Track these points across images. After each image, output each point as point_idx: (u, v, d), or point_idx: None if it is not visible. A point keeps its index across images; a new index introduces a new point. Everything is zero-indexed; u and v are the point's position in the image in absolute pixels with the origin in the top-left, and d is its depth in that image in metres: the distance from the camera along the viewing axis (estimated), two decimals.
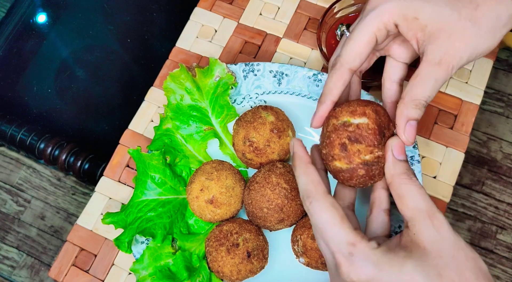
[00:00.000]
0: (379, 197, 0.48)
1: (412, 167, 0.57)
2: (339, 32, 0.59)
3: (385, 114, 0.46)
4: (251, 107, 0.63)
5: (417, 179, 0.43)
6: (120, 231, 0.59)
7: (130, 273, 0.62)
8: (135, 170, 0.61)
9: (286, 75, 0.63)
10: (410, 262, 0.39)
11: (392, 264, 0.39)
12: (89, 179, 0.87)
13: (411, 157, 0.58)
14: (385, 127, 0.45)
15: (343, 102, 0.48)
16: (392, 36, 0.50)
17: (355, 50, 0.46)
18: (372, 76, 0.62)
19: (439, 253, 0.39)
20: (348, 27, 0.53)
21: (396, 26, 0.45)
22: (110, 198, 0.65)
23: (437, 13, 0.44)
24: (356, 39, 0.46)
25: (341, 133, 0.44)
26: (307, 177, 0.44)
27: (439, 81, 0.45)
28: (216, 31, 0.73)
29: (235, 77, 0.63)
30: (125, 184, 0.66)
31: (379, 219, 0.47)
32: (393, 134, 0.46)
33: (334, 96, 0.47)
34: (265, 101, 0.64)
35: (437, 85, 0.45)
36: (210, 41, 0.72)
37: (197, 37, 0.72)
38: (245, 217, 0.59)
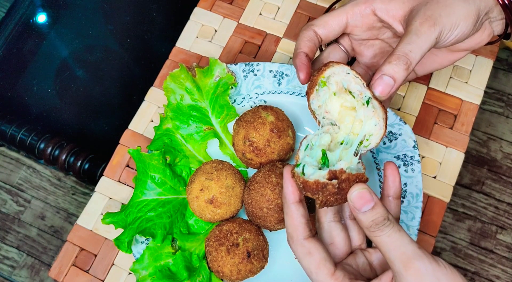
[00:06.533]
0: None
1: (412, 167, 0.58)
2: None
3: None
4: (251, 107, 0.63)
5: (391, 223, 0.40)
6: (120, 231, 0.59)
7: (130, 273, 0.62)
8: (135, 170, 0.61)
9: (286, 75, 0.63)
10: None
11: None
12: (89, 179, 0.87)
13: (411, 157, 0.58)
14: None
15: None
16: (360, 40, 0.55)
17: (324, 19, 0.52)
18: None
19: None
20: None
21: (375, 13, 0.50)
22: (110, 198, 0.65)
23: None
24: (330, 14, 0.52)
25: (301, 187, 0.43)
26: (288, 219, 0.45)
27: (421, 35, 0.46)
28: (216, 31, 0.73)
29: (235, 77, 0.63)
30: (125, 184, 0.66)
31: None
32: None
33: (303, 48, 0.51)
34: (265, 101, 0.64)
35: (420, 40, 0.46)
36: (210, 41, 0.72)
37: (197, 37, 0.72)
38: (245, 217, 0.59)
